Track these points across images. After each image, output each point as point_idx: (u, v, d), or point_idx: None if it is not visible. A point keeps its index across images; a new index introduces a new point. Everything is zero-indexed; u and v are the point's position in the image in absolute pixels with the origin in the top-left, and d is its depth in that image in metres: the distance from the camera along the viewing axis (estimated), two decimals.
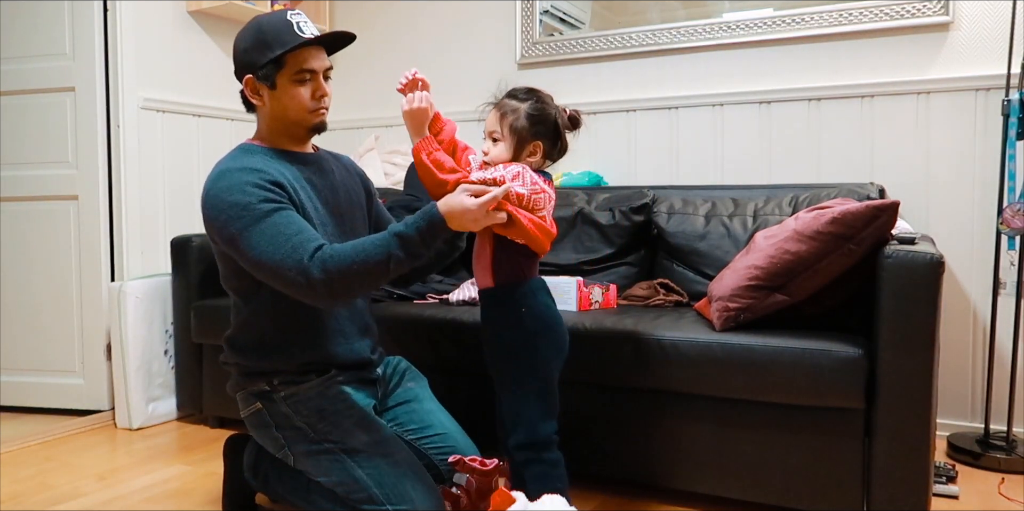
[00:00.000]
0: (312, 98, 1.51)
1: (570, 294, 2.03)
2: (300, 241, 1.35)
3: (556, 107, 1.48)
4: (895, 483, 1.50)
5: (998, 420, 2.14)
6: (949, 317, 2.24)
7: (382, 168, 2.93)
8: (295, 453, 1.51)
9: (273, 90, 1.50)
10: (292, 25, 1.47)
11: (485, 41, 2.98)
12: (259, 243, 1.36)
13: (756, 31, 2.49)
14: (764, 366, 1.59)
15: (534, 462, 1.42)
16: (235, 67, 1.54)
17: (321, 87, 1.52)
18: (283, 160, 1.53)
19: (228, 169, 1.45)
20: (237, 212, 1.38)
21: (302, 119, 1.53)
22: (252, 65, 1.49)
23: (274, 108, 1.52)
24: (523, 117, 1.44)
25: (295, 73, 1.48)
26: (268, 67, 1.47)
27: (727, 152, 2.57)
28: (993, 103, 2.21)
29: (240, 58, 1.52)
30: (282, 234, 1.36)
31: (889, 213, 1.58)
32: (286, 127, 1.55)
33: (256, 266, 1.38)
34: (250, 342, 1.56)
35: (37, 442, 2.29)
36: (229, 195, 1.40)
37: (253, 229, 1.37)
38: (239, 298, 1.57)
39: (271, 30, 1.47)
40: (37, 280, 2.56)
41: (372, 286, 1.39)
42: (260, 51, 1.47)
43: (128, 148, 2.50)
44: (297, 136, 1.57)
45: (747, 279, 1.71)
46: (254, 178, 1.42)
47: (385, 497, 1.41)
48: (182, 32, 2.70)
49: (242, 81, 1.53)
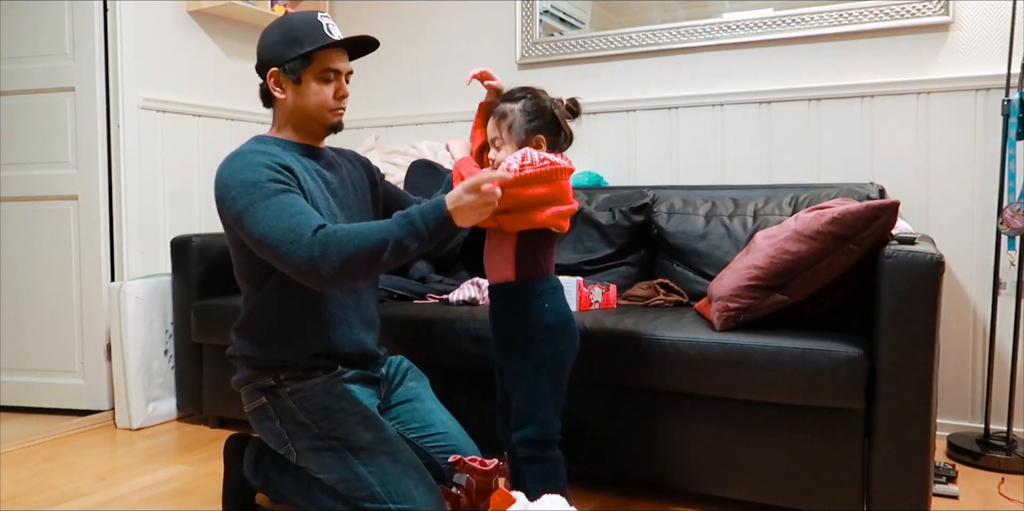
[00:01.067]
0: (334, 97, 1.57)
1: (570, 294, 2.03)
2: (304, 219, 1.38)
3: (551, 99, 1.48)
4: (895, 483, 1.50)
5: (998, 420, 2.14)
6: (949, 317, 2.25)
7: (382, 168, 2.93)
8: (298, 449, 1.52)
9: (298, 85, 1.54)
10: (322, 26, 1.53)
11: (485, 41, 2.98)
12: (264, 219, 1.39)
13: (756, 31, 2.49)
14: (764, 366, 1.59)
15: (536, 460, 1.42)
16: (260, 60, 1.58)
17: (343, 88, 1.59)
18: (296, 152, 1.58)
19: (242, 152, 1.51)
20: (247, 189, 1.42)
21: (322, 116, 1.58)
22: (279, 58, 1.53)
23: (296, 103, 1.56)
24: (519, 116, 1.44)
25: (321, 71, 1.54)
26: (296, 62, 1.52)
27: (727, 152, 2.57)
28: (993, 103, 2.21)
29: (267, 52, 1.56)
30: (287, 212, 1.39)
31: (889, 213, 1.58)
32: (304, 123, 1.59)
33: (259, 243, 1.41)
34: (258, 331, 1.57)
35: (37, 442, 2.29)
36: (240, 174, 1.44)
37: (259, 205, 1.40)
38: (250, 286, 1.58)
39: (303, 28, 1.53)
40: (37, 280, 2.56)
41: (371, 269, 1.38)
42: (290, 46, 1.52)
43: (128, 148, 2.50)
44: (314, 133, 1.62)
45: (747, 279, 1.71)
46: (266, 160, 1.46)
47: (387, 495, 1.42)
48: (182, 32, 2.70)
49: (265, 74, 1.57)
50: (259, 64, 1.58)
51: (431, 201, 1.39)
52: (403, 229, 1.35)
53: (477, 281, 2.26)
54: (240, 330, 1.61)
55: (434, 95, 3.11)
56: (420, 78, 3.13)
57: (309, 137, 1.62)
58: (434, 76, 3.10)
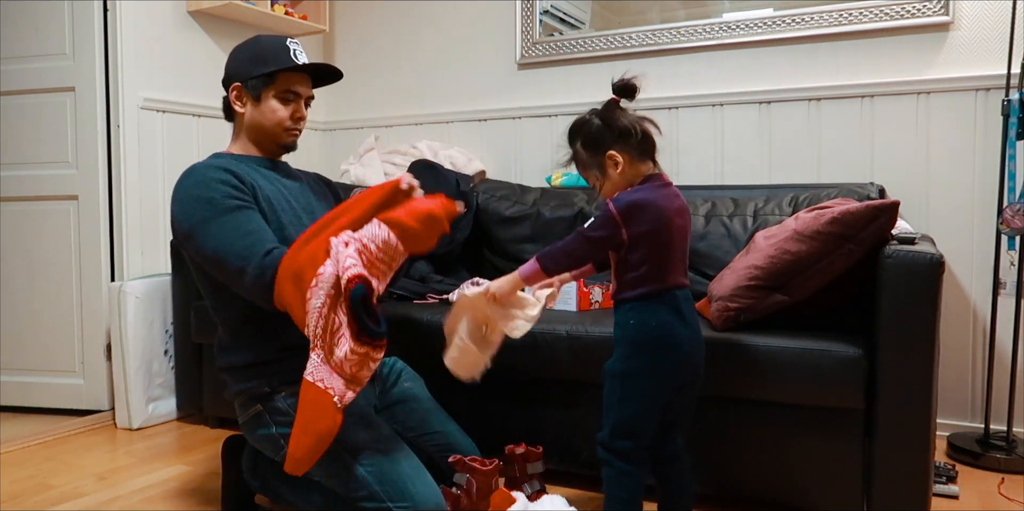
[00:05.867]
0: (291, 117, 1.62)
1: (570, 294, 2.03)
2: (256, 240, 1.40)
3: (594, 111, 1.42)
4: (895, 483, 1.50)
5: (998, 420, 2.14)
6: (949, 317, 2.25)
7: (382, 168, 2.93)
8: None
9: (257, 102, 1.60)
10: (289, 50, 1.60)
11: (485, 41, 2.98)
12: (216, 236, 1.41)
13: (756, 31, 2.49)
14: (764, 366, 1.59)
15: (606, 463, 1.39)
16: (226, 74, 1.64)
17: (300, 110, 1.64)
18: (254, 164, 1.63)
19: (197, 167, 1.55)
20: (201, 205, 1.45)
21: (276, 134, 1.63)
22: (243, 74, 1.60)
23: (253, 118, 1.62)
24: (582, 152, 1.43)
25: (281, 91, 1.60)
26: (258, 80, 1.58)
27: (727, 152, 2.57)
28: (993, 103, 2.21)
29: (233, 67, 1.63)
30: (240, 230, 1.41)
31: (889, 213, 1.58)
32: (259, 139, 1.65)
33: (208, 259, 1.44)
34: (232, 337, 1.57)
35: (37, 442, 2.29)
36: (195, 190, 1.48)
37: (213, 223, 1.43)
38: (212, 298, 1.59)
39: (270, 48, 1.59)
40: (37, 280, 2.56)
41: None
42: (255, 64, 1.58)
43: (128, 148, 2.49)
44: (269, 149, 1.67)
45: (747, 279, 1.71)
46: (221, 176, 1.49)
47: (386, 494, 1.41)
48: (182, 32, 2.70)
49: (228, 88, 1.63)
50: (224, 78, 1.65)
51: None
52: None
53: (477, 281, 2.26)
54: (217, 344, 1.61)
55: (434, 95, 3.11)
56: (420, 78, 3.13)
57: (266, 153, 1.67)
58: (434, 76, 3.10)
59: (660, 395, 1.38)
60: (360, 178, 2.89)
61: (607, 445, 1.38)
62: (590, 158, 1.41)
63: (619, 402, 1.37)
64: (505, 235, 2.52)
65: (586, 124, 1.41)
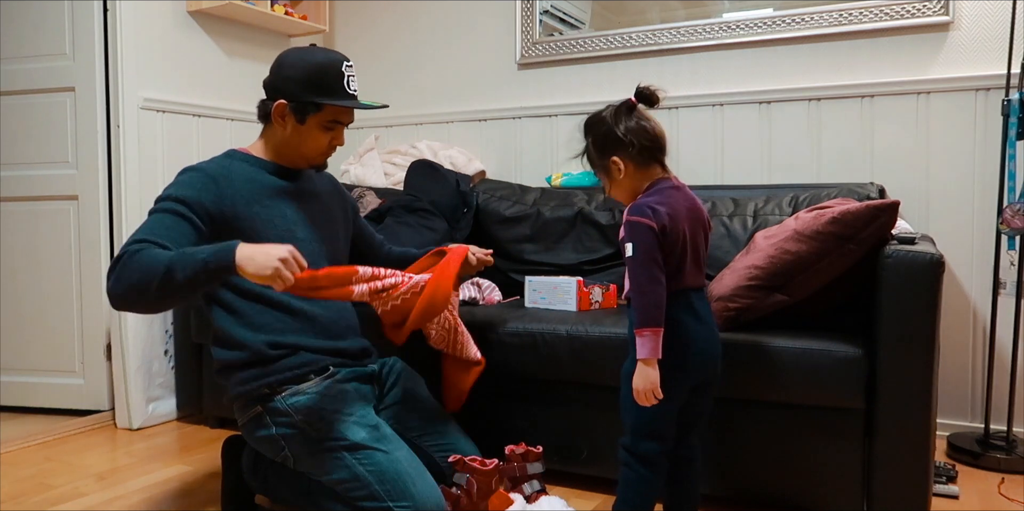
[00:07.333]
0: (329, 144, 1.62)
1: (570, 294, 2.03)
2: (144, 236, 1.37)
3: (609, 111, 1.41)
4: (895, 483, 1.50)
5: (998, 420, 2.14)
6: (949, 317, 2.25)
7: (382, 168, 2.93)
8: (295, 454, 1.51)
9: (300, 125, 1.57)
10: (344, 78, 1.57)
11: (485, 41, 2.98)
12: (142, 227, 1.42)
13: (756, 31, 2.49)
14: (764, 366, 1.59)
15: (625, 464, 1.39)
16: (273, 85, 1.59)
17: (340, 137, 1.63)
18: (266, 171, 1.61)
19: (197, 166, 1.55)
20: (159, 197, 1.48)
21: (311, 158, 1.64)
22: (293, 95, 1.55)
23: (291, 138, 1.60)
24: (592, 150, 1.43)
25: (328, 121, 1.58)
26: (308, 106, 1.55)
27: (727, 152, 2.57)
28: (993, 103, 2.21)
29: (284, 82, 1.56)
30: (148, 228, 1.41)
31: (889, 213, 1.58)
32: (289, 155, 1.63)
33: None
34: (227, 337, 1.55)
35: (37, 442, 2.29)
36: (172, 184, 1.51)
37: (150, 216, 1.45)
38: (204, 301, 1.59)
39: (328, 74, 1.55)
40: (37, 280, 2.56)
41: (144, 297, 1.31)
42: (307, 89, 1.54)
43: (128, 148, 2.49)
44: (294, 162, 1.65)
45: (747, 279, 1.71)
46: (200, 182, 1.50)
47: (386, 494, 1.42)
48: (182, 32, 2.70)
49: (272, 98, 1.58)
50: (271, 87, 1.59)
51: (226, 242, 1.33)
52: (180, 256, 1.31)
53: (477, 281, 2.26)
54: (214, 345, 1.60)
55: (434, 95, 3.11)
56: (420, 78, 3.13)
57: (288, 164, 1.65)
58: (434, 76, 3.10)
59: (677, 394, 1.37)
60: (360, 178, 2.89)
61: (632, 449, 1.38)
62: (597, 159, 1.44)
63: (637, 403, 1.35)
64: (505, 235, 2.52)
65: (598, 124, 1.43)
